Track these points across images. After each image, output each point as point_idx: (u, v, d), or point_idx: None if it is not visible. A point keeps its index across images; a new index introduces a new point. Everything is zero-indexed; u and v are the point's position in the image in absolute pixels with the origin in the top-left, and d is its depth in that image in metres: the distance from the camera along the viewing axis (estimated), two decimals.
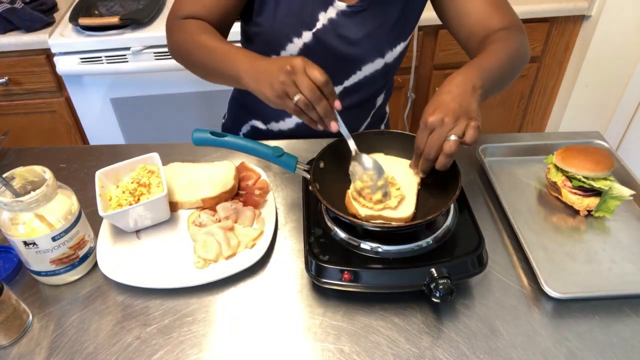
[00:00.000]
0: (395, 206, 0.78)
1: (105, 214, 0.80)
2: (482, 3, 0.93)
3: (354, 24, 0.96)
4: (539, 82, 2.01)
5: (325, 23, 0.95)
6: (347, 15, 0.95)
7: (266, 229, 0.86)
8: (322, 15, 0.95)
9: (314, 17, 0.95)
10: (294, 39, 0.96)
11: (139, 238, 0.86)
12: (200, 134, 0.81)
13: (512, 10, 0.96)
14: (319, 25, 0.95)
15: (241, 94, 1.18)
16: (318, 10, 0.94)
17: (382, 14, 0.97)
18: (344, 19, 0.95)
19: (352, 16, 0.95)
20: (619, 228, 0.88)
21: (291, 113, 0.75)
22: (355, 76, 1.04)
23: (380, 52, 1.01)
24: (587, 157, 0.90)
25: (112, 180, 0.89)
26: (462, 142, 0.73)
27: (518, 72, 0.92)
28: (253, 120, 1.16)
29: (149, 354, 0.71)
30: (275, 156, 0.83)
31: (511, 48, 0.88)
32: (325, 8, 0.94)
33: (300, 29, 0.95)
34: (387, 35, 0.99)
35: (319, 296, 0.78)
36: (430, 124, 0.73)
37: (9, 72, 1.72)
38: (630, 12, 1.77)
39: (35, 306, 0.78)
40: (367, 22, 0.96)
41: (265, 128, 1.15)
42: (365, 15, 0.96)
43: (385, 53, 1.01)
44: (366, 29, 0.97)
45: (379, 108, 1.18)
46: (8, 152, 1.10)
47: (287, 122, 1.12)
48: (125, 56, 1.68)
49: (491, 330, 0.73)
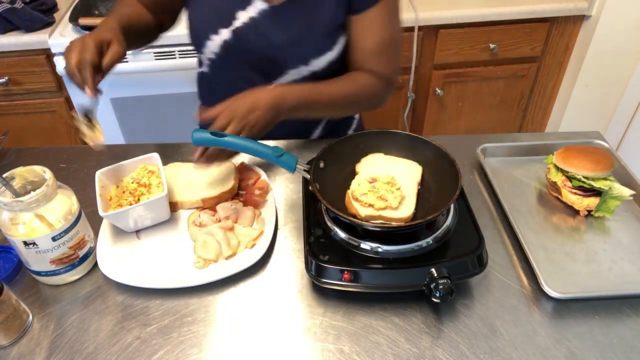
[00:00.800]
0: (396, 206, 0.78)
1: (105, 214, 0.80)
2: (371, 44, 0.99)
3: (276, 26, 0.96)
4: (539, 82, 2.01)
5: (245, 21, 0.95)
6: (268, 16, 0.95)
7: (266, 229, 0.86)
8: (241, 14, 0.95)
9: (232, 15, 0.95)
10: (212, 36, 0.97)
11: (139, 238, 0.86)
12: (200, 134, 0.81)
13: (395, 60, 1.03)
14: (237, 24, 0.95)
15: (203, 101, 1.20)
16: (236, 9, 0.95)
17: (305, 21, 0.96)
18: (265, 19, 0.95)
19: (273, 17, 0.95)
20: (619, 228, 0.88)
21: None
22: (283, 79, 1.03)
23: (303, 59, 0.99)
24: (587, 157, 0.90)
25: (112, 181, 0.89)
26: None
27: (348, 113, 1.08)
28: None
29: (149, 354, 0.71)
30: (275, 156, 0.83)
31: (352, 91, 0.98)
32: (244, 7, 0.95)
33: (217, 26, 0.96)
34: (311, 44, 0.98)
35: (319, 296, 0.78)
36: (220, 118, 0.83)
37: (9, 72, 1.72)
38: (630, 12, 1.77)
39: (35, 306, 0.78)
40: (288, 26, 0.96)
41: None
42: (287, 19, 0.95)
43: (309, 61, 0.99)
44: (288, 34, 0.96)
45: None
46: (8, 152, 1.10)
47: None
48: (125, 56, 1.67)
49: (491, 330, 0.73)
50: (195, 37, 1.01)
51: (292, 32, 0.96)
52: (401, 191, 0.81)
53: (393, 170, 0.85)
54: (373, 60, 1.00)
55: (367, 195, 0.79)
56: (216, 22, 0.96)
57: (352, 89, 0.99)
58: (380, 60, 1.00)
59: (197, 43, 1.01)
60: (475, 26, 1.78)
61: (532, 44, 1.86)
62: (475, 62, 1.89)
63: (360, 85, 1.00)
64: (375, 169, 0.86)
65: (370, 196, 0.79)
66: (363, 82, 1.00)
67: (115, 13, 0.96)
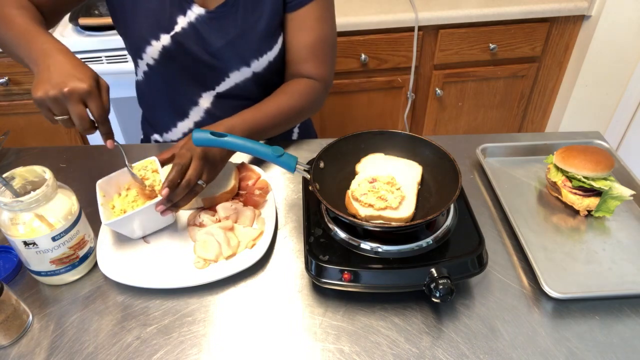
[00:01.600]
0: (396, 206, 0.78)
1: (108, 222, 0.79)
2: (305, 46, 0.99)
3: (214, 30, 0.96)
4: (539, 82, 2.01)
5: (185, 27, 0.95)
6: (206, 21, 0.95)
7: (266, 229, 0.86)
8: (181, 19, 0.95)
9: (172, 20, 0.95)
10: (153, 42, 0.96)
11: (139, 238, 0.86)
12: (200, 134, 0.81)
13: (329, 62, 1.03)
14: (177, 29, 0.95)
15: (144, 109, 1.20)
16: (176, 14, 0.94)
17: (243, 23, 0.96)
18: (203, 24, 0.95)
19: (210, 22, 0.95)
20: (619, 228, 0.88)
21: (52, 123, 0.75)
22: (225, 83, 1.03)
23: (244, 60, 1.00)
24: (587, 157, 0.90)
25: (113, 189, 0.88)
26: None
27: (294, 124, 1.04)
28: (155, 134, 1.18)
29: (149, 354, 0.71)
30: (275, 156, 0.82)
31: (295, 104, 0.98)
32: (184, 12, 0.94)
33: (158, 31, 0.95)
34: (249, 44, 0.98)
35: (319, 296, 0.78)
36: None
37: (9, 72, 1.72)
38: (630, 12, 1.77)
39: (35, 306, 0.78)
40: (227, 29, 0.96)
41: (162, 141, 1.17)
42: (224, 23, 0.96)
43: (250, 62, 1.00)
44: (227, 37, 0.97)
45: None
46: (8, 152, 1.10)
47: (174, 132, 1.13)
48: (125, 56, 1.68)
49: (491, 330, 0.73)
50: (134, 42, 0.99)
51: (230, 34, 0.97)
52: (401, 191, 0.81)
53: (393, 170, 0.85)
54: (309, 64, 1.01)
55: (367, 195, 0.79)
56: (157, 27, 0.95)
57: (295, 101, 0.99)
58: (316, 63, 1.01)
59: (136, 48, 0.99)
60: (475, 26, 1.78)
61: (532, 44, 1.86)
62: (475, 62, 1.89)
63: (302, 95, 1.00)
64: (375, 169, 0.86)
65: (370, 196, 0.79)
66: (303, 90, 1.01)
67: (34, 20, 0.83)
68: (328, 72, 1.04)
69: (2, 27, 0.82)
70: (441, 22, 1.74)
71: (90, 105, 0.73)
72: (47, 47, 0.76)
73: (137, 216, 0.81)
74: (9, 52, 0.84)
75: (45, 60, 0.74)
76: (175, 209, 0.82)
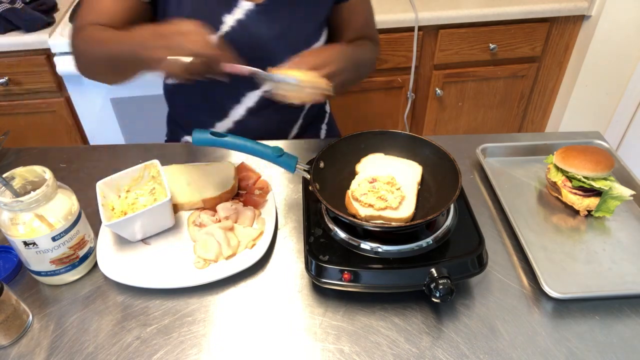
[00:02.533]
0: (396, 206, 0.78)
1: (109, 223, 0.79)
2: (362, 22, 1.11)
3: (265, 22, 0.96)
4: (539, 82, 2.01)
5: (233, 25, 0.94)
6: (256, 14, 0.95)
7: (266, 229, 0.86)
8: (227, 18, 0.94)
9: (218, 20, 0.94)
10: None
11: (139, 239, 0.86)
12: (200, 134, 0.81)
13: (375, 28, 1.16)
14: (225, 28, 0.94)
15: (174, 111, 1.19)
16: (222, 13, 0.94)
17: (292, 13, 0.97)
18: (253, 19, 0.95)
19: (261, 15, 0.95)
20: (619, 228, 0.88)
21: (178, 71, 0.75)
22: None
23: (295, 51, 0.98)
24: (587, 157, 0.90)
25: (113, 190, 0.88)
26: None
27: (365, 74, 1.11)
28: (186, 136, 1.17)
29: (149, 354, 0.71)
30: (275, 156, 0.83)
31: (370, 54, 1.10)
32: (230, 9, 0.94)
33: None
34: (300, 34, 1.00)
35: (319, 296, 0.78)
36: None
37: (9, 72, 1.72)
38: (630, 12, 1.77)
39: (35, 306, 0.78)
40: (278, 20, 0.96)
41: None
42: (275, 14, 0.96)
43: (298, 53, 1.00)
44: (279, 28, 0.97)
45: (309, 109, 1.17)
46: (8, 152, 1.10)
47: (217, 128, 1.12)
48: None
49: (491, 330, 0.73)
50: None
51: (281, 26, 0.97)
52: (401, 191, 0.81)
53: (393, 170, 0.85)
54: (370, 30, 1.13)
55: (367, 195, 0.79)
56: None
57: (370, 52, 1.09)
58: (370, 32, 1.13)
59: None
60: (475, 26, 1.78)
61: (532, 44, 1.86)
62: (475, 62, 1.89)
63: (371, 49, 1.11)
64: (375, 169, 0.86)
65: (370, 196, 0.79)
66: (371, 47, 1.11)
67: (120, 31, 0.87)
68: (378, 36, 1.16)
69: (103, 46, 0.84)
70: (441, 22, 1.74)
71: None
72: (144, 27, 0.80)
73: (138, 218, 0.81)
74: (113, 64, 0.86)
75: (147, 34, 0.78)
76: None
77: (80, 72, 0.93)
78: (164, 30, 0.76)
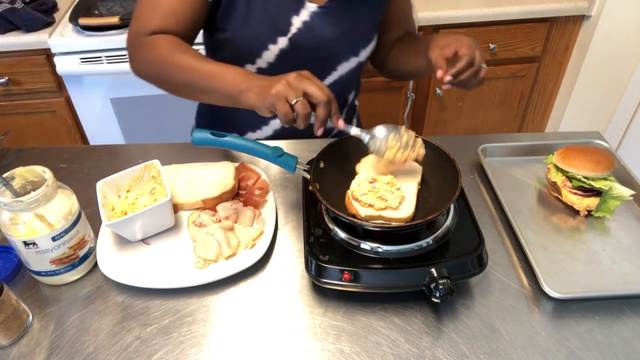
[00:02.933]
0: (396, 206, 0.78)
1: (109, 223, 0.79)
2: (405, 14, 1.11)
3: (328, 23, 0.96)
4: (539, 82, 2.01)
5: (300, 27, 0.95)
6: (320, 16, 0.95)
7: (266, 229, 0.86)
8: (295, 19, 0.94)
9: (288, 22, 0.94)
10: (270, 46, 0.95)
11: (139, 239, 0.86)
12: (200, 134, 0.81)
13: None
14: (293, 30, 0.95)
15: (212, 109, 1.17)
16: (291, 15, 0.94)
17: (353, 12, 0.98)
18: (317, 19, 0.95)
19: (324, 16, 0.95)
20: (619, 228, 0.88)
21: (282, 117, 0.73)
22: (331, 77, 1.04)
23: (354, 50, 1.02)
24: (587, 157, 0.90)
25: (113, 190, 0.88)
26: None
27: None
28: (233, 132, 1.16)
29: (149, 354, 0.71)
30: (275, 156, 0.83)
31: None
32: (297, 11, 0.94)
33: (275, 35, 0.94)
34: (360, 33, 1.00)
35: (319, 296, 0.78)
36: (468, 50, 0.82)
37: (9, 72, 1.72)
38: (630, 12, 1.77)
39: (35, 306, 0.78)
40: (340, 20, 0.97)
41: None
42: (337, 14, 0.96)
43: (359, 51, 1.02)
44: (340, 28, 0.97)
45: (350, 104, 1.19)
46: (8, 152, 1.10)
47: (264, 131, 1.12)
48: (125, 56, 1.68)
49: (491, 330, 0.73)
50: (246, 48, 0.96)
51: (343, 26, 0.97)
52: (401, 191, 0.81)
53: (393, 170, 0.85)
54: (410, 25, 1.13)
55: (367, 195, 0.79)
56: (274, 31, 0.94)
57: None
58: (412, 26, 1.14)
59: (248, 54, 0.97)
60: (475, 26, 1.78)
61: (532, 44, 1.86)
62: None
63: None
64: (375, 169, 0.86)
65: (370, 196, 0.79)
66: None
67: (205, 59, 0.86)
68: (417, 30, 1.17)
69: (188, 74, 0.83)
70: (441, 22, 1.74)
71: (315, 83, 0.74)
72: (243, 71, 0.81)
73: (138, 218, 0.81)
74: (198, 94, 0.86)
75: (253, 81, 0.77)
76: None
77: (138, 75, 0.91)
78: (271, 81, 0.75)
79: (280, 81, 0.73)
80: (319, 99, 0.73)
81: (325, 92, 0.73)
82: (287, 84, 0.73)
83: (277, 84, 0.73)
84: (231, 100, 0.81)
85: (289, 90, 0.73)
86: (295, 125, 0.75)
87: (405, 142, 0.81)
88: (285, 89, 0.73)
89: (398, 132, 0.81)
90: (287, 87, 0.73)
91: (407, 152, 0.81)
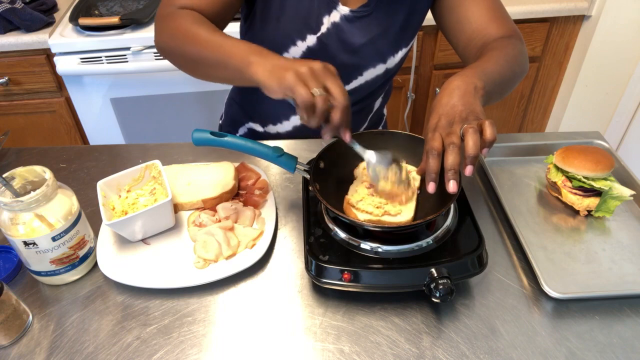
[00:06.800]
0: (395, 213, 0.78)
1: (110, 223, 0.79)
2: (482, 11, 0.92)
3: (357, 29, 0.95)
4: (539, 82, 2.01)
5: (329, 27, 0.94)
6: (350, 20, 0.94)
7: (266, 229, 0.86)
8: (326, 19, 0.94)
9: (319, 21, 0.94)
10: (298, 42, 0.95)
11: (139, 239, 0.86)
12: (200, 134, 0.81)
13: (510, 19, 0.95)
14: (323, 29, 0.94)
15: (240, 95, 1.17)
16: (323, 14, 0.94)
17: (385, 21, 0.96)
18: (347, 23, 0.95)
19: (354, 21, 0.95)
20: (619, 228, 0.88)
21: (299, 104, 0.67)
22: (356, 81, 1.03)
23: (382, 57, 1.00)
24: (587, 157, 0.90)
25: (114, 190, 0.88)
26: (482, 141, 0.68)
27: (518, 79, 0.90)
28: (250, 122, 1.16)
29: (149, 354, 0.71)
30: (275, 156, 0.83)
31: (510, 55, 0.86)
32: (329, 11, 0.93)
33: (305, 32, 0.94)
34: (389, 41, 0.99)
35: (319, 296, 0.78)
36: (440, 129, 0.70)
37: (9, 72, 1.72)
38: (630, 12, 1.77)
39: (35, 306, 0.78)
40: (369, 27, 0.96)
41: (263, 130, 1.15)
42: (368, 21, 0.95)
43: (387, 58, 1.01)
44: (368, 35, 0.96)
45: (376, 111, 1.18)
46: (8, 152, 1.10)
47: (284, 125, 1.11)
48: (125, 56, 1.68)
49: (491, 330, 0.73)
50: (276, 42, 0.95)
51: (372, 33, 0.96)
52: (412, 186, 0.80)
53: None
54: (493, 24, 0.92)
55: (363, 201, 0.79)
56: (305, 28, 0.94)
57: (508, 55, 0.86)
58: (501, 21, 0.93)
59: (277, 48, 0.95)
60: None
61: (532, 44, 1.86)
62: None
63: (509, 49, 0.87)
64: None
65: (368, 204, 0.79)
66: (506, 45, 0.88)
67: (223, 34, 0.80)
68: (514, 25, 0.94)
69: (202, 47, 0.78)
70: None
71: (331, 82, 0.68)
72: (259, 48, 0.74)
73: (139, 218, 0.81)
74: (210, 68, 0.80)
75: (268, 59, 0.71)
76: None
77: (158, 47, 0.86)
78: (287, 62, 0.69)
79: (305, 65, 0.68)
80: (339, 101, 0.68)
81: (347, 97, 0.68)
82: (311, 70, 0.67)
83: (299, 66, 0.67)
84: (241, 75, 0.73)
85: (311, 77, 0.67)
86: (309, 118, 0.69)
87: (403, 178, 0.78)
88: (308, 74, 0.67)
89: (399, 167, 0.79)
90: (311, 73, 0.67)
91: (400, 188, 0.78)
